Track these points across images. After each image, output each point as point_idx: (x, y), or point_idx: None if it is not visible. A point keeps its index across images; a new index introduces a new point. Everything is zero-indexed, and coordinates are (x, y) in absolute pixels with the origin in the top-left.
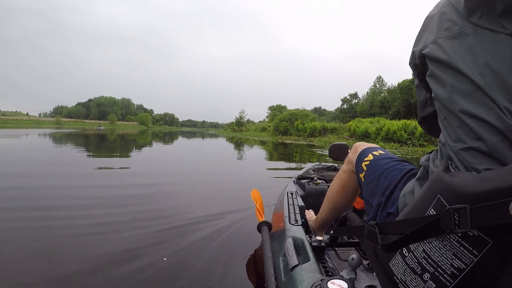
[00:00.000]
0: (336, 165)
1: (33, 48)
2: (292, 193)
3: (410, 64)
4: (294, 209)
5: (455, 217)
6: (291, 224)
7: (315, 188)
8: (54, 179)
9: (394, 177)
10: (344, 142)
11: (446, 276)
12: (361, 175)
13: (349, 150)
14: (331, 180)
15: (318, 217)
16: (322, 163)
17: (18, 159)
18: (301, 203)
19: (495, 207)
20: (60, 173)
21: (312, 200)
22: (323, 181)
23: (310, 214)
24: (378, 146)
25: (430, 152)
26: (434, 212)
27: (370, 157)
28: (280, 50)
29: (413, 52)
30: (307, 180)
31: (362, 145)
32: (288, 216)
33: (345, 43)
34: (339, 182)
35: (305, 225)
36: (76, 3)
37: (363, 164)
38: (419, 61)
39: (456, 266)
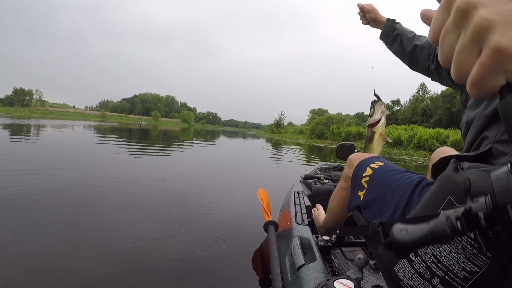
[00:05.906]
0: (342, 165)
1: (80, 43)
2: (298, 193)
3: None
4: (301, 209)
5: None
6: (298, 223)
7: (322, 187)
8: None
9: (405, 193)
10: (352, 142)
11: (457, 280)
12: (361, 193)
13: (356, 150)
14: (338, 180)
15: (324, 221)
16: (329, 163)
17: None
18: (307, 202)
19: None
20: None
21: (319, 199)
22: (329, 181)
23: (318, 208)
24: (375, 155)
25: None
26: None
27: (369, 171)
28: (324, 53)
29: None
30: (313, 180)
31: (356, 157)
32: (294, 216)
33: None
34: (339, 199)
35: (311, 224)
36: (119, 1)
37: (362, 181)
38: None
39: (469, 269)
